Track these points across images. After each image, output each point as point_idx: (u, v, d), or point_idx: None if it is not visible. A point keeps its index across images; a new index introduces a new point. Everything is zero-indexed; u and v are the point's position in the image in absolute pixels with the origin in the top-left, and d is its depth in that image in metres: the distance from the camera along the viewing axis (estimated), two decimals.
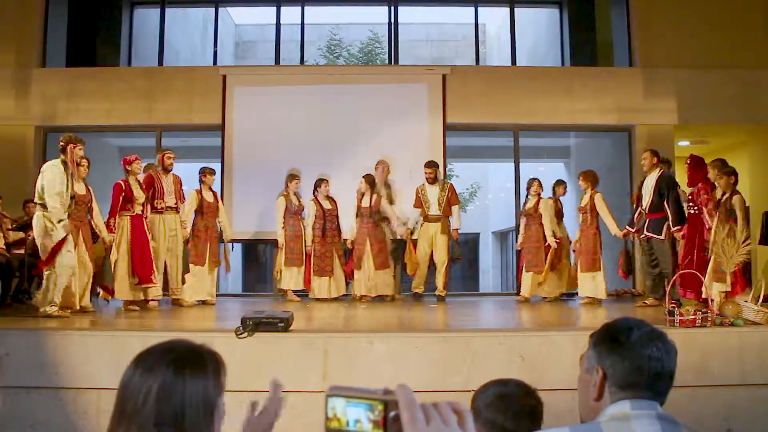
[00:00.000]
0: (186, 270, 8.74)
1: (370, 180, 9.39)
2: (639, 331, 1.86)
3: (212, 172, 9.06)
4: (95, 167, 8.10)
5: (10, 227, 8.78)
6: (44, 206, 6.81)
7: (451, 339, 5.43)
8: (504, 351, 5.36)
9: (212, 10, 12.51)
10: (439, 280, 9.32)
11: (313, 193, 9.54)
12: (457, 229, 9.44)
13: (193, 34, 13.64)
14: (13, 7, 10.92)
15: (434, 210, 9.39)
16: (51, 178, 6.85)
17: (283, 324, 5.43)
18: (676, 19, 10.85)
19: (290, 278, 9.27)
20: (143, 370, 1.52)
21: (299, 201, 9.53)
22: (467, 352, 5.35)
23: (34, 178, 10.08)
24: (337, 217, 9.47)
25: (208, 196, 8.92)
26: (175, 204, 8.54)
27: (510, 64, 11.59)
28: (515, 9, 11.84)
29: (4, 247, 8.46)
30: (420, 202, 9.50)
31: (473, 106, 10.75)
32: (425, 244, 9.35)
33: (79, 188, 7.46)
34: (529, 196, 9.40)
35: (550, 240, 9.01)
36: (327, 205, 9.40)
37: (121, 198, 7.93)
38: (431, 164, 9.49)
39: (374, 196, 9.34)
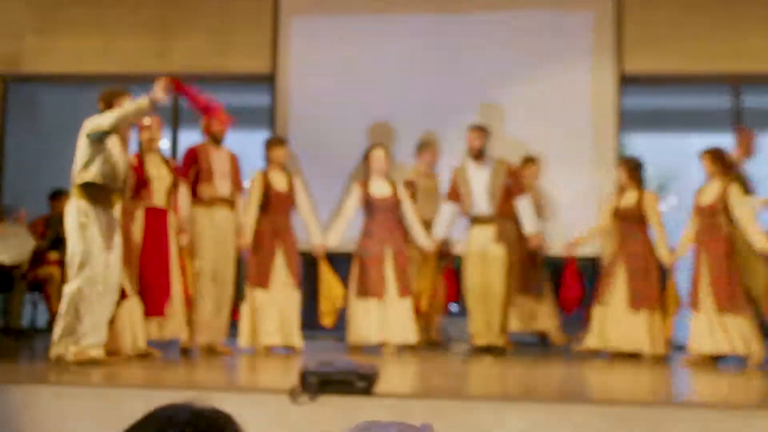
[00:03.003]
0: (239, 298, 8.79)
1: (384, 151, 9.42)
2: None
3: (281, 142, 9.16)
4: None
5: None
6: (82, 190, 6.97)
7: (627, 414, 5.33)
8: None
9: None
10: (495, 322, 9.02)
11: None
12: (539, 236, 9.27)
13: None
14: None
15: (482, 206, 9.15)
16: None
17: (363, 383, 5.44)
18: None
19: None
20: None
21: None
22: None
23: None
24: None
25: (279, 182, 8.97)
26: (231, 193, 8.60)
27: None
28: None
29: None
30: (456, 193, 9.30)
31: (664, 46, 10.55)
32: (475, 262, 9.14)
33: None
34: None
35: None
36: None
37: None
38: (478, 128, 9.27)
39: (397, 184, 9.32)
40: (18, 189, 10.31)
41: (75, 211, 6.92)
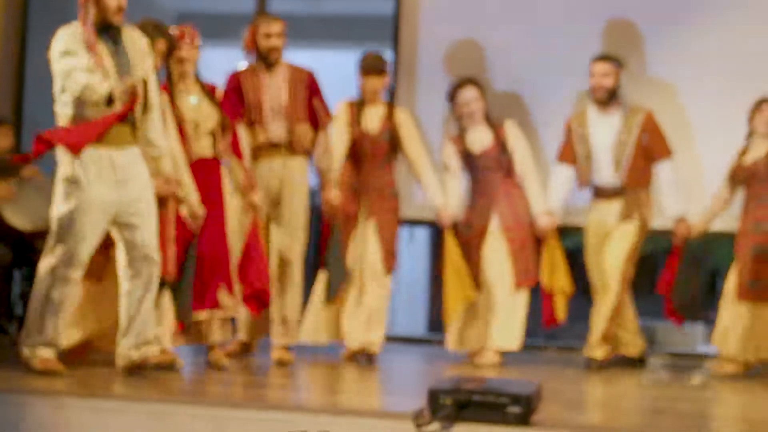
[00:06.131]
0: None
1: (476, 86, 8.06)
2: None
3: (372, 65, 7.77)
4: None
5: None
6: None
7: None
8: None
9: None
10: (597, 324, 7.86)
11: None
12: (684, 220, 7.91)
13: None
14: None
15: (608, 174, 7.92)
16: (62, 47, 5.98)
17: (519, 408, 4.75)
18: None
19: None
20: None
21: None
22: None
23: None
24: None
25: (371, 119, 7.76)
26: (292, 135, 7.40)
27: None
28: None
29: None
30: (571, 153, 8.07)
31: None
32: (595, 249, 8.04)
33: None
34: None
35: None
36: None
37: None
38: (606, 60, 8.05)
39: (506, 127, 8.07)
40: (40, 120, 9.18)
41: (63, 157, 5.91)
